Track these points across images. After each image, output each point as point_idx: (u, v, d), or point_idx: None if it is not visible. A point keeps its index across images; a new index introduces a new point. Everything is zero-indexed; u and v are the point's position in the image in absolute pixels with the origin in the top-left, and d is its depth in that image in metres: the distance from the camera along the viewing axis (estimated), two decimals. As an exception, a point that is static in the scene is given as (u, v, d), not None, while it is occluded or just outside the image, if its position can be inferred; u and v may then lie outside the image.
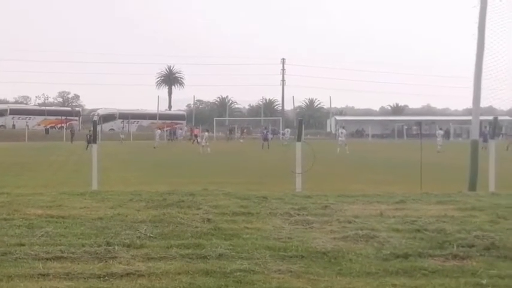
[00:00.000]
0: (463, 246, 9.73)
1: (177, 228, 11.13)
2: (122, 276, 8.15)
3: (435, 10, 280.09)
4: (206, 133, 64.51)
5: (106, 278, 8.08)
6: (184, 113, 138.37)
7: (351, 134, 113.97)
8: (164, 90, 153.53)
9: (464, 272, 8.49)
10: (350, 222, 11.85)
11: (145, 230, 10.83)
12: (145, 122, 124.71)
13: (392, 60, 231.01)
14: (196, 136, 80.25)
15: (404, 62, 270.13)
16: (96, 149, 19.99)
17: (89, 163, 20.01)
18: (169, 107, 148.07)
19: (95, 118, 33.46)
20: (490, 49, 21.41)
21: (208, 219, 11.94)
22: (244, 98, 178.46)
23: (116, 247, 9.55)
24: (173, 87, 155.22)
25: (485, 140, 42.16)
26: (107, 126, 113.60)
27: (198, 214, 12.52)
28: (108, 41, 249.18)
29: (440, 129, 69.11)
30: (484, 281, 8.02)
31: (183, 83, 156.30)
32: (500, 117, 38.02)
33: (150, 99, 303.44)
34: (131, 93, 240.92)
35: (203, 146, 57.95)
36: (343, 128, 69.90)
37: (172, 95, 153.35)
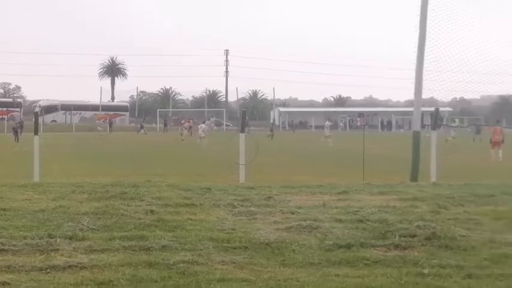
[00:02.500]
0: (404, 236, 9.84)
1: (120, 220, 11.05)
2: (64, 268, 8.07)
3: (377, 2, 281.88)
4: (203, 124, 63.69)
5: (48, 270, 8.00)
6: (127, 104, 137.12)
7: (294, 126, 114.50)
8: (107, 81, 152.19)
9: (406, 262, 8.59)
10: (293, 213, 11.90)
11: (87, 222, 10.74)
12: (88, 114, 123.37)
13: (335, 52, 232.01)
14: (190, 127, 77.24)
15: (346, 53, 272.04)
16: (37, 141, 19.75)
17: (31, 155, 19.73)
18: (112, 98, 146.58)
19: (37, 109, 32.97)
20: (432, 41, 21.67)
21: (152, 211, 11.88)
22: (188, 89, 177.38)
23: (58, 239, 9.45)
24: (116, 78, 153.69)
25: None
26: (48, 118, 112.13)
27: (141, 206, 12.45)
28: (50, 31, 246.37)
29: (328, 119, 70.03)
30: (426, 271, 8.11)
31: (126, 74, 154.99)
32: (441, 109, 38.48)
33: (93, 90, 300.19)
34: (74, 85, 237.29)
35: (201, 137, 57.07)
36: (329, 120, 70.39)
37: (116, 86, 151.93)
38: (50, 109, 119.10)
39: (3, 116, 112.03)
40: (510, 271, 8.14)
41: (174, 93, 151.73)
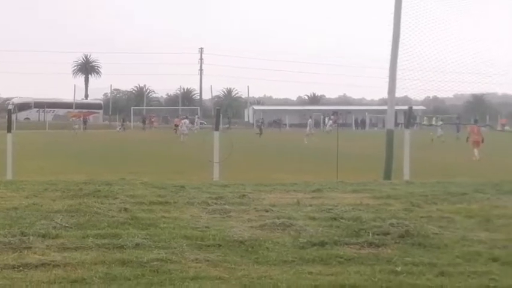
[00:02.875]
0: (378, 234, 9.89)
1: (93, 218, 11.01)
2: (36, 266, 8.04)
3: (352, 1, 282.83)
4: (186, 120, 63.23)
5: (21, 268, 7.96)
6: (101, 102, 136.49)
7: (268, 124, 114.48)
8: (81, 79, 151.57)
9: (379, 260, 8.62)
10: (267, 211, 11.92)
11: (60, 220, 10.69)
12: (61, 111, 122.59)
13: (309, 51, 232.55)
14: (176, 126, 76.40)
15: (321, 52, 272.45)
16: (10, 139, 19.63)
17: (4, 153, 19.60)
18: (86, 96, 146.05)
19: (10, 107, 32.78)
20: (406, 40, 21.76)
21: (125, 209, 11.85)
22: (162, 87, 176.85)
23: (31, 237, 9.41)
24: (90, 76, 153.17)
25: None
26: (22, 115, 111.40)
27: (114, 204, 12.42)
28: (23, 28, 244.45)
29: (310, 117, 70.23)
30: (399, 268, 8.15)
31: (100, 72, 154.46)
32: (414, 107, 38.65)
33: (66, 88, 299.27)
34: (48, 82, 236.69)
35: (184, 134, 56.73)
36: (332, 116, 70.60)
37: (89, 84, 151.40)
38: (23, 106, 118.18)
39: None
40: (482, 269, 8.19)
41: (148, 91, 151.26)
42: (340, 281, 7.65)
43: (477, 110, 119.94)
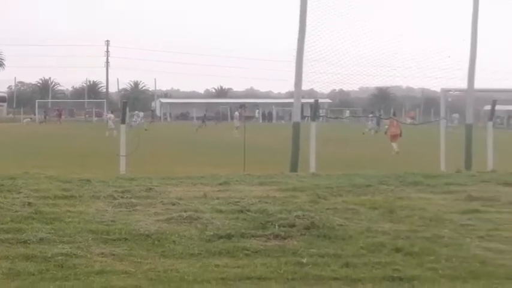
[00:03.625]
0: (284, 226, 9.93)
1: (-4, 213, 10.79)
2: None
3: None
4: (111, 115, 62.18)
5: None
6: (5, 94, 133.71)
7: (176, 117, 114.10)
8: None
9: (286, 252, 8.68)
10: (174, 204, 11.87)
11: (-38, 215, 10.44)
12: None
13: (216, 44, 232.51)
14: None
15: (228, 45, 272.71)
16: None
17: None
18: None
19: None
20: (312, 33, 21.94)
21: (29, 203, 11.63)
22: (68, 80, 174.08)
23: None
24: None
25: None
26: None
27: (18, 198, 12.18)
28: None
29: (237, 109, 70.72)
30: (305, 260, 8.22)
31: (3, 63, 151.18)
32: (320, 100, 38.97)
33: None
34: None
35: (111, 128, 55.70)
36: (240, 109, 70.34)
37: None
38: None
39: None
40: (386, 259, 8.33)
41: (53, 83, 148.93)
42: (247, 274, 7.68)
43: (382, 102, 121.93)
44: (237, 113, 67.08)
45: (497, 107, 25.80)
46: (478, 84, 24.41)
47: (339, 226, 10.15)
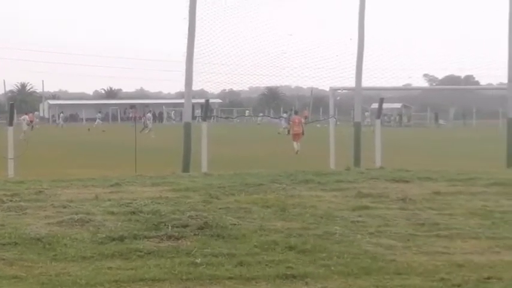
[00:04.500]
0: (177, 227, 9.90)
1: None
2: None
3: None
4: (26, 116, 60.55)
5: None
6: None
7: (65, 118, 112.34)
8: None
9: (179, 252, 8.65)
10: (65, 207, 11.67)
11: None
12: None
13: (105, 44, 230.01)
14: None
15: (117, 46, 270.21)
16: None
17: None
18: None
19: None
20: (202, 33, 21.92)
21: None
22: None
23: None
24: None
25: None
26: None
27: None
28: None
29: (149, 111, 70.24)
30: (198, 260, 8.20)
31: None
32: (211, 100, 39.01)
33: None
34: None
35: (24, 131, 54.16)
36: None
37: None
38: None
39: None
40: (279, 257, 8.38)
41: None
42: (140, 275, 7.62)
43: (272, 102, 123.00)
44: (149, 114, 66.43)
45: (385, 105, 26.34)
46: (367, 82, 24.84)
47: (232, 225, 10.17)
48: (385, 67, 27.12)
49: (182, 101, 23.47)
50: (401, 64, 28.60)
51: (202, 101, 24.50)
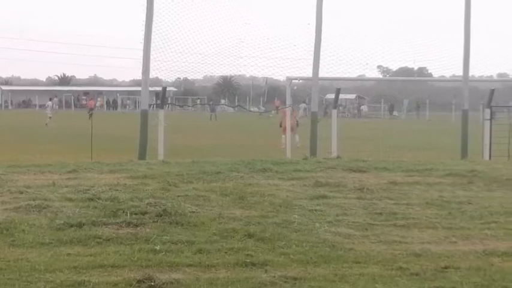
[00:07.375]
0: (136, 214, 9.91)
1: None
2: None
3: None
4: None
5: None
6: None
7: (18, 104, 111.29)
8: None
9: (138, 239, 8.66)
10: (22, 193, 11.57)
11: None
12: None
13: (58, 30, 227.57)
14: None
15: (70, 32, 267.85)
16: None
17: None
18: None
19: None
20: (159, 21, 21.87)
21: None
22: None
23: None
24: None
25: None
26: None
27: None
28: None
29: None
30: (158, 247, 8.22)
31: None
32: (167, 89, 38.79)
33: None
34: None
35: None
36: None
37: None
38: None
39: None
40: (238, 245, 8.42)
41: None
42: (99, 262, 7.62)
43: (226, 91, 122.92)
44: (49, 103, 65.80)
45: (341, 96, 26.46)
46: (323, 72, 24.88)
47: (191, 213, 10.18)
48: (342, 58, 27.26)
49: (136, 88, 23.40)
50: (357, 55, 28.65)
51: (158, 89, 24.41)
